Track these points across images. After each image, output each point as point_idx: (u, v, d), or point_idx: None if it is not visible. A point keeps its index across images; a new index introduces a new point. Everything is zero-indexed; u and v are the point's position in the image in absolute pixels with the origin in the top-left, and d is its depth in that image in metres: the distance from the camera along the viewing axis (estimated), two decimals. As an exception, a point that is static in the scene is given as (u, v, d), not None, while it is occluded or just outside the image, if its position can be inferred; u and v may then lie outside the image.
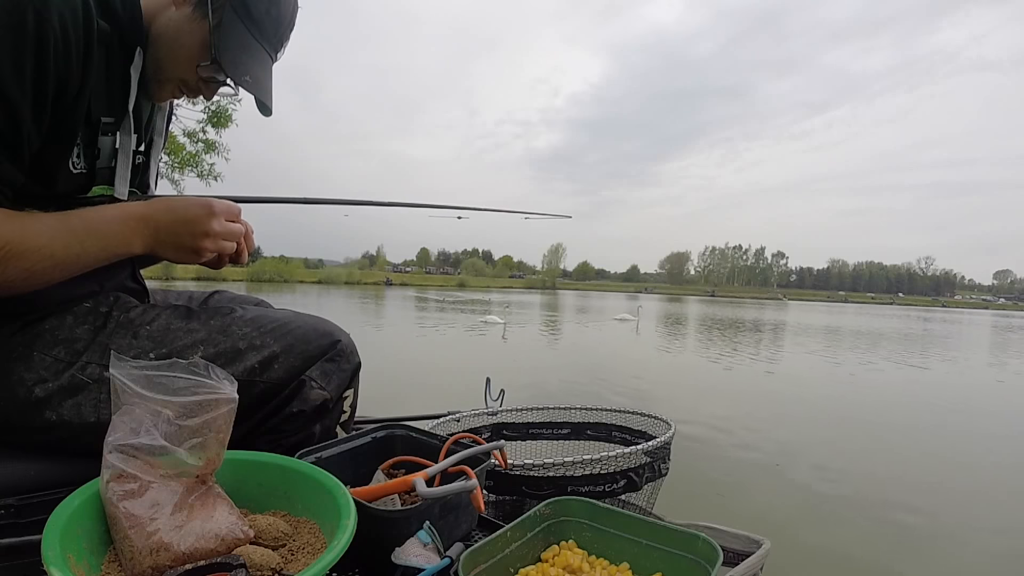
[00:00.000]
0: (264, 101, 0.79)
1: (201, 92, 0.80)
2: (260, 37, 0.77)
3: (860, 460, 4.24)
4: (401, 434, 0.89)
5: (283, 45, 0.82)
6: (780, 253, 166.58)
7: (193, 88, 0.79)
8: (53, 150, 0.67)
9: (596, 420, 1.40)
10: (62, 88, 0.63)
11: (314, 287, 53.09)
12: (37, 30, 0.58)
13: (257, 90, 0.77)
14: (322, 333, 0.83)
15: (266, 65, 0.79)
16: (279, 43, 0.81)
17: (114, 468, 0.50)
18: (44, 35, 0.59)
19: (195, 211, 0.72)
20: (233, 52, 0.73)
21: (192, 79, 0.77)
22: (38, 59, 0.60)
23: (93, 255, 0.67)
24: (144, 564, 0.47)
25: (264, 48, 0.78)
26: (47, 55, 0.60)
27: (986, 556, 2.77)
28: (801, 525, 3.02)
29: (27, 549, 0.58)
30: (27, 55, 0.58)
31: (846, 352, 12.24)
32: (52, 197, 0.69)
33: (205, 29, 0.72)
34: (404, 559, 0.61)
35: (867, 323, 26.13)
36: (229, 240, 0.76)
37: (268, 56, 0.80)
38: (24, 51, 0.58)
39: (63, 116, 0.65)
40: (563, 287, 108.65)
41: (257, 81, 0.77)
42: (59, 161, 0.68)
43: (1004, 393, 8.05)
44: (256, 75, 0.77)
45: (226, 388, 0.55)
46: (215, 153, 11.30)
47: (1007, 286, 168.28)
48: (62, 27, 0.61)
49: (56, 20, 0.60)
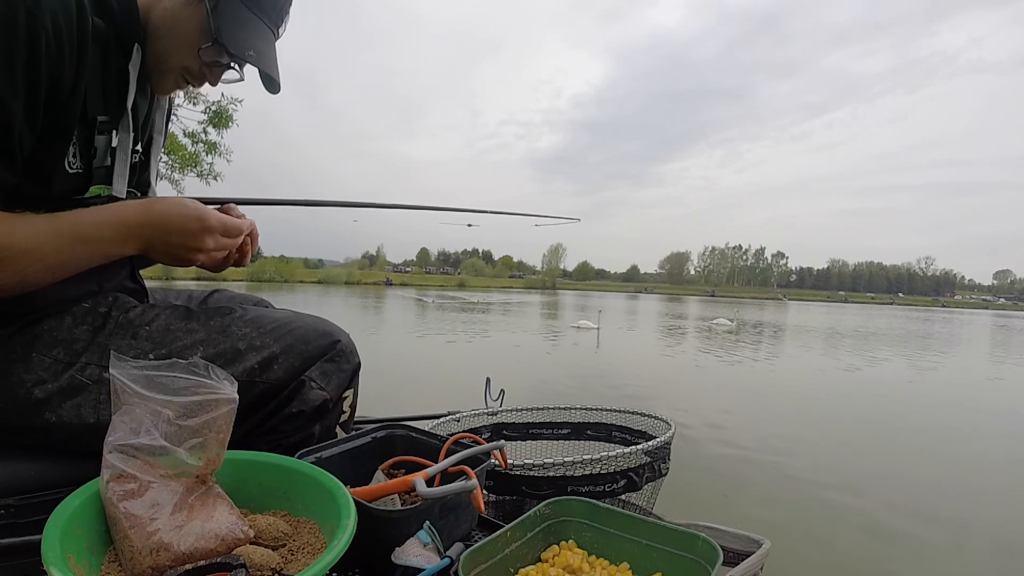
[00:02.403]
0: (271, 74, 0.78)
1: (206, 78, 0.79)
2: (259, 12, 0.76)
3: (860, 460, 4.24)
4: (401, 434, 0.89)
5: (284, 19, 0.82)
6: (780, 253, 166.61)
7: (197, 75, 0.78)
8: (48, 150, 0.66)
9: (596, 420, 1.40)
10: (55, 88, 0.63)
11: (316, 287, 53.06)
12: (28, 29, 0.58)
13: (262, 63, 0.76)
14: (322, 333, 0.83)
15: (269, 40, 0.79)
16: (279, 17, 0.81)
17: (114, 468, 0.50)
18: (36, 34, 0.59)
19: (189, 224, 0.71)
20: (233, 29, 0.73)
21: (195, 65, 0.76)
22: (30, 59, 0.59)
23: (84, 259, 0.67)
24: (144, 564, 0.47)
25: (264, 23, 0.78)
26: (39, 54, 0.59)
27: (986, 556, 2.77)
28: (801, 525, 3.02)
29: (27, 549, 0.58)
30: (18, 55, 0.58)
31: (846, 352, 12.23)
32: (48, 198, 0.69)
33: (203, 12, 0.72)
34: (404, 559, 0.61)
35: (867, 323, 26.12)
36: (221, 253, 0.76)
37: (270, 31, 0.79)
38: (15, 50, 0.58)
39: (57, 116, 0.65)
40: (563, 287, 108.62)
41: (261, 55, 0.76)
42: (54, 161, 0.67)
43: (1003, 393, 8.04)
44: (260, 49, 0.76)
45: (226, 388, 0.55)
46: (216, 154, 11.30)
47: (1007, 286, 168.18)
48: (55, 26, 0.60)
49: (48, 19, 0.59)
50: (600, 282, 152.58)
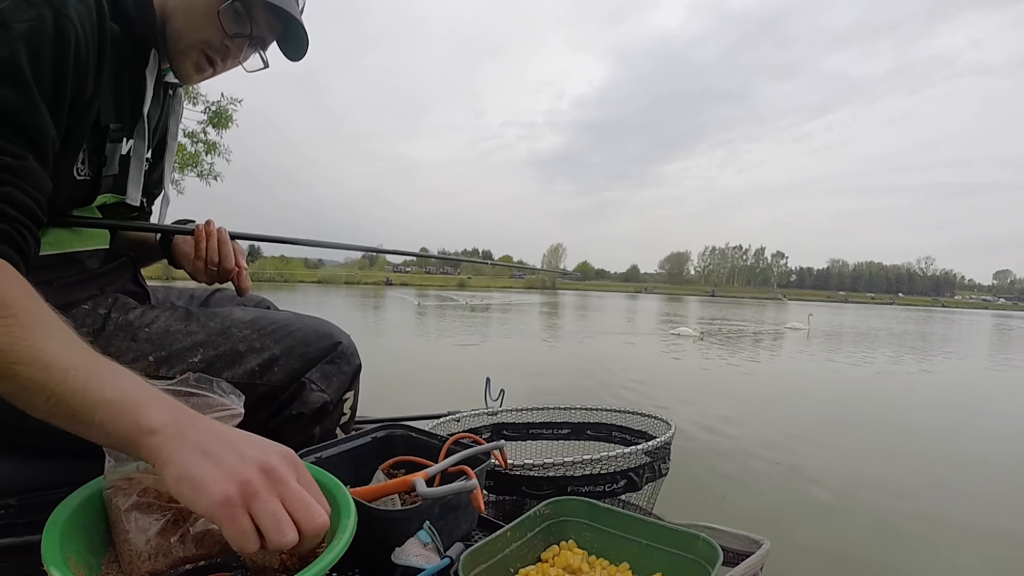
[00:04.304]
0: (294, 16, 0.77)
1: (228, 53, 0.77)
2: None
3: (860, 460, 4.24)
4: (401, 434, 0.89)
5: None
6: (780, 253, 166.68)
7: (219, 48, 0.76)
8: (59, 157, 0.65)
9: (596, 420, 1.40)
10: (79, 93, 0.62)
11: (316, 287, 53.06)
12: (57, 31, 0.57)
13: (286, 4, 0.76)
14: (322, 335, 0.83)
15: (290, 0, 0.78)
16: None
17: (116, 470, 0.50)
18: (65, 37, 0.58)
19: (270, 447, 0.49)
20: None
21: (216, 37, 0.74)
22: (56, 61, 0.58)
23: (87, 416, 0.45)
24: (143, 568, 0.47)
25: None
26: (67, 57, 0.58)
27: (986, 556, 2.77)
28: (801, 525, 3.02)
29: (27, 549, 0.58)
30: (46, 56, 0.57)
31: (846, 352, 12.23)
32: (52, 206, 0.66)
33: None
34: (404, 559, 0.61)
35: (866, 323, 26.13)
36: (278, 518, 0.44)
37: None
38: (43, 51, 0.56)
39: (74, 122, 0.64)
40: (563, 287, 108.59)
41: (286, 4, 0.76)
42: (63, 168, 0.66)
43: (1004, 393, 8.04)
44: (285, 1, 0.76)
45: (233, 402, 0.55)
46: (216, 154, 11.29)
47: (1007, 286, 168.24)
48: (82, 30, 0.59)
49: (76, 22, 0.58)
50: (600, 282, 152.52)
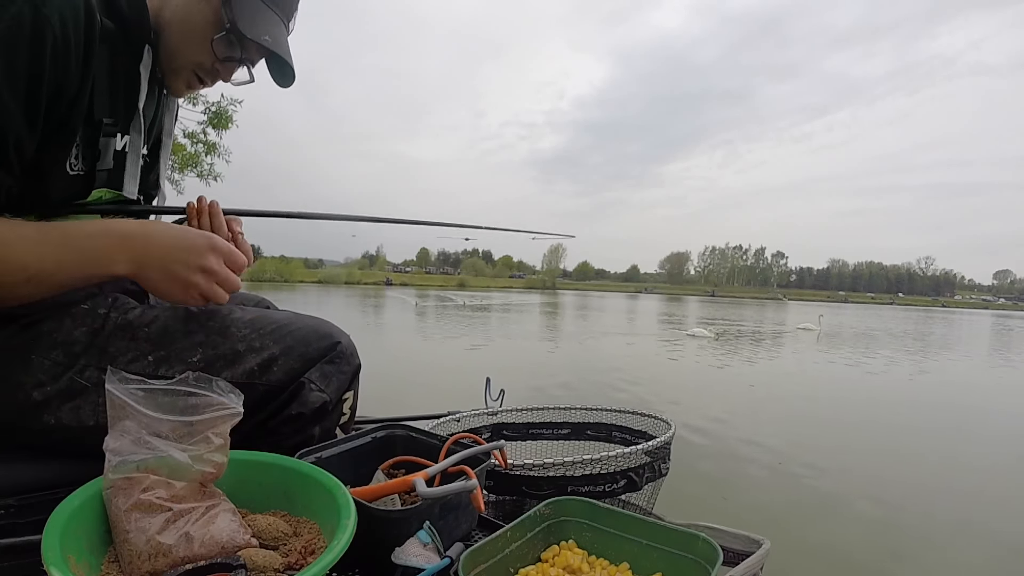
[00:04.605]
0: (286, 59, 0.79)
1: (218, 76, 0.80)
2: (271, 3, 0.78)
3: (861, 460, 4.24)
4: (401, 434, 0.89)
5: (294, 13, 0.83)
6: (780, 253, 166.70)
7: (209, 71, 0.79)
8: (48, 152, 0.66)
9: (596, 420, 1.40)
10: (60, 89, 0.62)
11: (316, 287, 53.05)
12: (34, 28, 0.58)
13: (278, 48, 0.77)
14: (322, 335, 0.82)
15: (282, 30, 0.80)
16: (290, 9, 0.82)
17: (116, 471, 0.50)
18: (42, 34, 0.58)
19: (196, 240, 0.68)
20: (247, 16, 0.74)
21: (208, 60, 0.77)
22: (34, 59, 0.58)
23: (69, 272, 0.63)
24: (143, 568, 0.47)
25: (276, 14, 0.79)
26: (44, 55, 0.59)
27: (985, 556, 2.77)
28: (801, 525, 3.02)
29: (27, 549, 0.58)
30: (22, 55, 0.58)
31: (846, 352, 12.23)
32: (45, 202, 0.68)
33: (215, 3, 0.73)
34: (404, 559, 0.61)
35: (866, 322, 26.11)
36: (223, 286, 0.71)
37: (282, 22, 0.80)
38: (19, 50, 0.57)
39: (61, 118, 0.64)
40: (563, 287, 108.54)
41: (277, 41, 0.77)
42: (54, 163, 0.67)
43: (1004, 393, 8.04)
44: (275, 36, 0.77)
45: (232, 401, 0.55)
46: (216, 155, 11.29)
47: (1007, 286, 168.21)
48: (62, 26, 0.60)
49: (56, 18, 0.59)
50: (600, 282, 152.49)
